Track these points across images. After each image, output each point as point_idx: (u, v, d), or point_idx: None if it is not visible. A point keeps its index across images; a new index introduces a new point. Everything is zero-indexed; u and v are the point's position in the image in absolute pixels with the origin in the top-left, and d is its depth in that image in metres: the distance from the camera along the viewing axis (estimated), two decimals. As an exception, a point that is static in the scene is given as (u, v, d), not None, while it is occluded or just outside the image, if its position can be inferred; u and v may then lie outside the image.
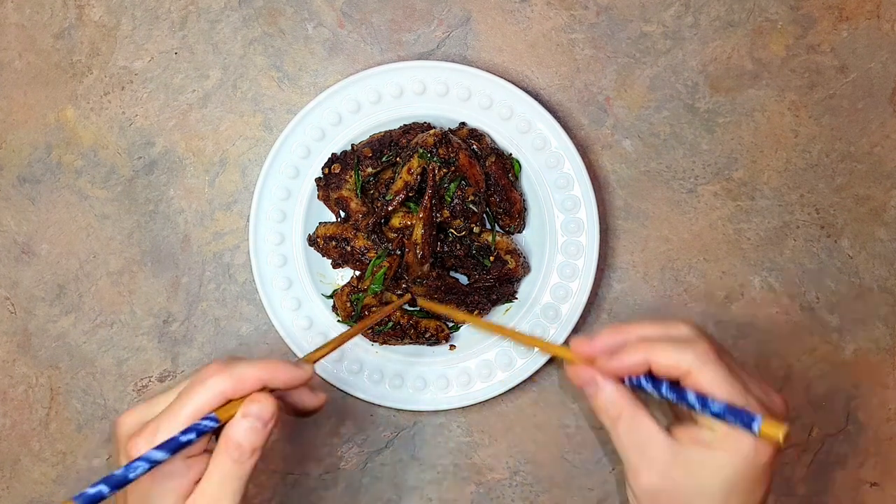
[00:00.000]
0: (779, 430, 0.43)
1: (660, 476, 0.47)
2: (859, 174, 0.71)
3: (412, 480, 0.72)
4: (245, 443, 0.46)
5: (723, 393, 0.45)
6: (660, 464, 0.47)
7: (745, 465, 0.46)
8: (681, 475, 0.47)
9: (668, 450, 0.47)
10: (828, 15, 0.71)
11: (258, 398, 0.46)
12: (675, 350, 0.46)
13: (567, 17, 0.71)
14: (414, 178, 0.65)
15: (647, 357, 0.47)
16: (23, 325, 0.72)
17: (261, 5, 0.72)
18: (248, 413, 0.46)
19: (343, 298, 0.68)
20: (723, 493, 0.46)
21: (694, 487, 0.46)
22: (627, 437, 0.48)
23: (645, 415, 0.48)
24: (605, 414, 0.49)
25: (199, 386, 0.46)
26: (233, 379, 0.46)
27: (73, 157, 0.72)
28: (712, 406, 0.45)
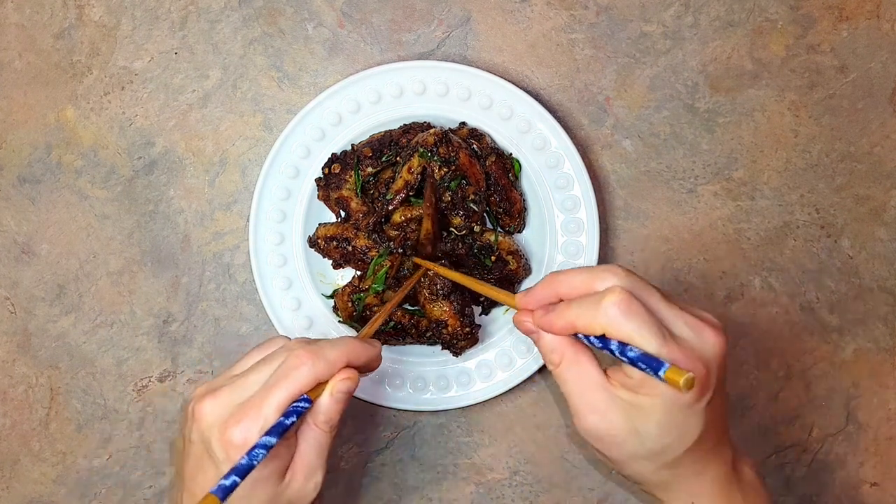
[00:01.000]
0: (680, 376, 0.43)
1: (599, 418, 0.49)
2: (859, 174, 0.71)
3: (412, 480, 0.72)
4: (335, 416, 0.51)
5: (638, 342, 0.46)
6: (599, 406, 0.49)
7: (668, 407, 0.47)
8: (616, 417, 0.48)
9: (605, 392, 0.49)
10: (828, 15, 0.71)
11: (344, 375, 0.51)
12: (589, 312, 0.47)
13: (567, 17, 0.71)
14: (414, 177, 0.65)
15: (569, 322, 0.49)
16: (23, 325, 0.72)
17: (261, 5, 0.72)
18: (338, 390, 0.51)
19: (344, 298, 0.68)
20: (656, 432, 0.48)
21: (630, 428, 0.48)
22: (569, 380, 0.50)
23: (586, 359, 0.50)
24: (548, 359, 0.51)
25: (293, 372, 0.49)
26: (326, 366, 0.50)
27: (73, 157, 0.72)
28: (628, 354, 0.46)
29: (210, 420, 0.49)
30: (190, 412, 0.50)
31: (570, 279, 0.50)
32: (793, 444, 0.71)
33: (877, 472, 0.71)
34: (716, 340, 0.48)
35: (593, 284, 0.48)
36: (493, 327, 0.70)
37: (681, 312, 0.48)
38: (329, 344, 0.51)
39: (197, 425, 0.50)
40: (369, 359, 0.53)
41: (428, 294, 0.66)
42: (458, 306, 0.66)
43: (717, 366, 0.48)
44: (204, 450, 0.49)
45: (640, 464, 0.50)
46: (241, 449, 0.47)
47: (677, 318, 0.48)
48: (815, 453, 0.71)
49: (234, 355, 0.72)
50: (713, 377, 0.47)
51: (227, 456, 0.48)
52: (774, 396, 0.71)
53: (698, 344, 0.47)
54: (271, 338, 0.54)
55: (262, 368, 0.50)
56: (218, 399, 0.49)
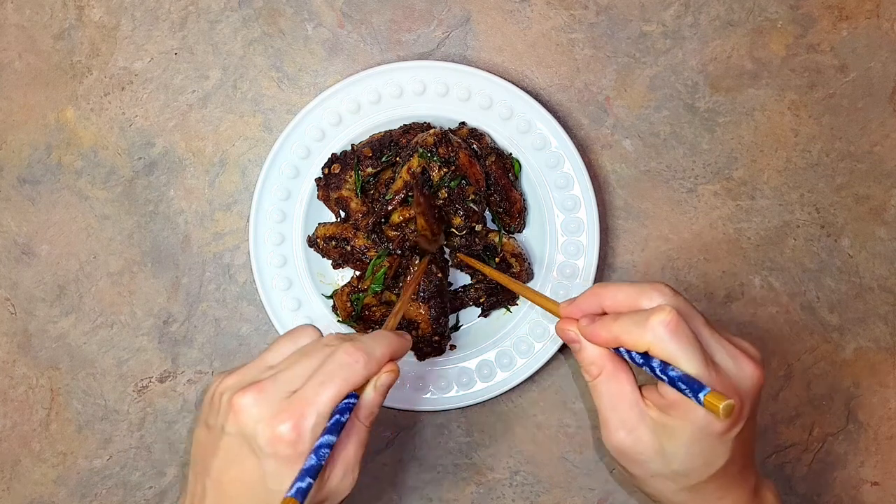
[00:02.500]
0: (720, 401, 0.43)
1: (627, 434, 0.49)
2: (859, 173, 0.71)
3: (412, 480, 0.72)
4: (377, 410, 0.52)
5: (681, 364, 0.46)
6: (629, 423, 0.49)
7: (699, 433, 0.47)
8: (645, 435, 0.48)
9: (637, 410, 0.49)
10: (828, 14, 0.71)
11: (388, 369, 0.51)
12: (636, 328, 0.47)
13: (567, 16, 0.71)
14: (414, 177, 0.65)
15: (615, 336, 0.49)
16: (23, 326, 0.72)
17: (261, 6, 0.72)
18: (382, 384, 0.51)
19: (343, 298, 0.68)
20: (683, 456, 0.48)
21: (657, 448, 0.48)
22: (604, 394, 0.50)
23: (624, 375, 0.50)
24: (586, 371, 0.51)
25: (347, 369, 0.49)
26: (376, 363, 0.50)
27: (73, 158, 0.72)
28: (670, 373, 0.46)
29: (254, 414, 0.47)
30: (225, 403, 0.49)
31: (617, 293, 0.50)
32: (793, 443, 0.71)
33: (877, 472, 0.71)
34: (754, 373, 0.48)
35: (640, 301, 0.49)
36: (493, 328, 0.70)
37: (722, 340, 0.49)
38: (373, 339, 0.51)
39: (236, 418, 0.48)
40: (405, 351, 0.54)
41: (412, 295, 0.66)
42: (435, 312, 0.66)
43: (752, 398, 0.48)
44: (243, 443, 0.48)
45: (663, 483, 0.50)
46: (291, 445, 0.46)
47: (719, 345, 0.48)
48: (816, 452, 0.71)
49: (235, 356, 0.72)
50: (747, 409, 0.48)
51: (275, 450, 0.47)
52: (775, 396, 0.71)
53: (736, 374, 0.48)
54: (300, 326, 0.53)
55: (304, 362, 0.50)
56: (264, 392, 0.48)
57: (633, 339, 0.48)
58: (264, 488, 0.47)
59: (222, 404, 0.49)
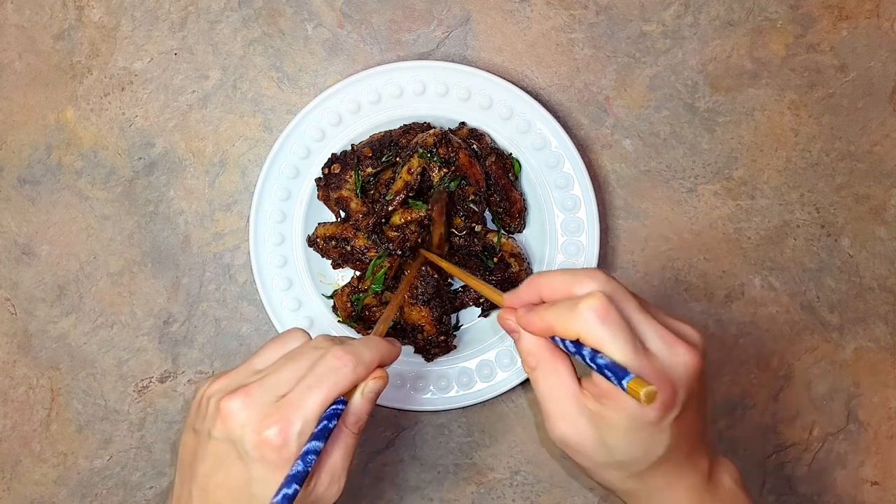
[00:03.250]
0: (641, 387, 0.42)
1: (568, 425, 0.49)
2: (859, 173, 0.71)
3: (413, 480, 0.72)
4: (365, 417, 0.51)
5: (609, 350, 0.46)
6: (568, 414, 0.49)
7: (633, 422, 0.47)
8: (585, 426, 0.48)
9: (575, 401, 0.48)
10: (827, 14, 0.71)
11: (376, 375, 0.51)
12: (567, 315, 0.47)
13: (567, 16, 0.71)
14: (414, 177, 0.65)
15: (547, 324, 0.48)
16: (23, 326, 0.72)
17: (260, 6, 0.72)
18: (370, 390, 0.51)
19: (343, 299, 0.68)
20: (622, 445, 0.48)
21: (597, 438, 0.48)
22: (543, 386, 0.50)
23: (562, 366, 0.50)
24: (524, 362, 0.51)
25: (335, 374, 0.48)
26: (365, 368, 0.50)
27: (73, 158, 0.72)
28: (597, 361, 0.46)
29: (241, 418, 0.47)
30: (212, 408, 0.48)
31: (552, 281, 0.50)
32: (793, 443, 0.71)
33: (877, 471, 0.71)
34: (688, 358, 0.47)
35: (573, 288, 0.48)
36: (493, 328, 0.70)
37: (657, 326, 0.48)
38: (362, 344, 0.51)
39: (224, 423, 0.47)
40: (394, 358, 0.53)
41: (408, 297, 0.66)
42: (437, 313, 0.66)
43: (687, 384, 0.47)
44: (230, 448, 0.48)
45: (609, 473, 0.50)
46: (277, 450, 0.46)
47: (653, 331, 0.47)
48: (816, 452, 0.71)
49: (235, 356, 0.72)
50: (680, 395, 0.47)
51: (262, 455, 0.46)
52: (775, 396, 0.71)
53: (669, 360, 0.47)
54: (289, 330, 0.53)
55: (291, 366, 0.49)
56: (251, 396, 0.48)
57: (563, 327, 0.47)
58: (250, 494, 0.47)
59: (209, 409, 0.49)
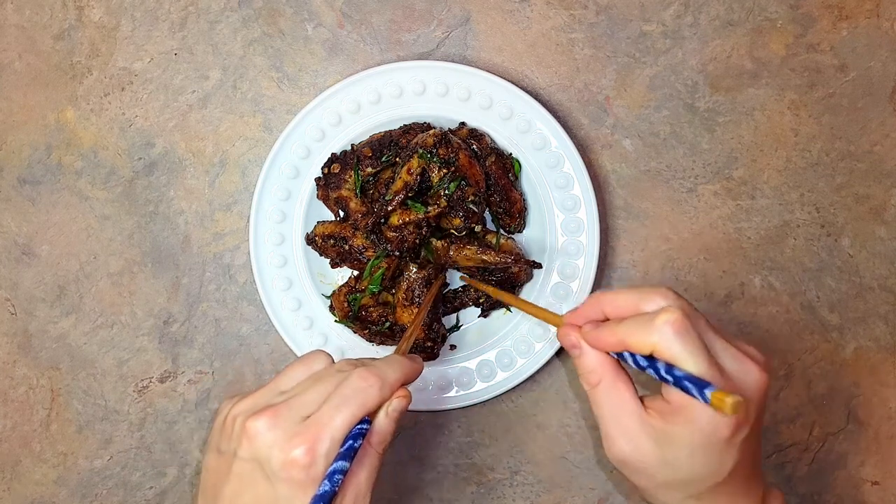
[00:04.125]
0: (727, 398, 0.42)
1: (629, 444, 0.48)
2: (859, 173, 0.71)
3: (413, 480, 0.72)
4: (389, 437, 0.51)
5: (686, 364, 0.46)
6: (630, 432, 0.48)
7: (704, 439, 0.47)
8: (648, 445, 0.48)
9: (638, 419, 0.48)
10: (827, 14, 0.71)
11: (400, 394, 0.51)
12: (641, 330, 0.47)
13: (567, 16, 0.71)
14: (413, 178, 0.65)
15: (620, 338, 0.48)
16: (23, 327, 0.72)
17: (260, 6, 0.72)
18: (394, 409, 0.51)
19: (341, 298, 0.68)
20: (687, 463, 0.47)
21: (660, 456, 0.48)
22: (604, 404, 0.50)
23: (624, 383, 0.50)
24: (585, 379, 0.51)
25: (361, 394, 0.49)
26: (390, 388, 0.50)
27: (73, 158, 0.72)
28: (675, 373, 0.46)
29: (268, 438, 0.47)
30: (238, 428, 0.48)
31: (618, 298, 0.50)
32: (794, 442, 0.71)
33: (878, 471, 0.71)
34: (759, 376, 0.48)
35: (642, 305, 0.48)
36: (493, 328, 0.70)
37: (727, 343, 0.48)
38: (386, 364, 0.51)
39: (250, 442, 0.47)
40: (417, 375, 0.54)
41: (403, 298, 0.66)
42: (428, 319, 0.66)
43: (757, 402, 0.47)
44: (256, 467, 0.47)
45: (668, 493, 0.49)
46: (305, 469, 0.46)
47: (724, 348, 0.48)
48: (816, 452, 0.71)
49: (235, 356, 0.72)
50: (752, 413, 0.47)
51: (289, 475, 0.46)
52: (775, 395, 0.71)
53: (741, 377, 0.47)
54: (313, 352, 0.53)
55: (317, 387, 0.49)
56: (277, 417, 0.48)
57: (638, 341, 0.47)
58: None
59: (235, 429, 0.49)
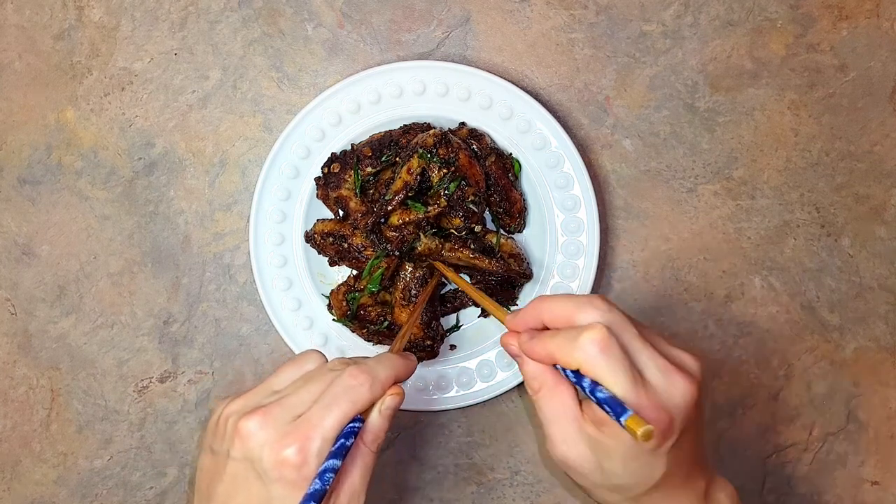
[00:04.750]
0: (639, 426, 0.44)
1: (569, 448, 0.50)
2: (859, 173, 0.71)
3: (413, 480, 0.72)
4: (383, 435, 0.51)
5: (608, 383, 0.47)
6: (569, 438, 0.50)
7: (631, 451, 0.48)
8: (584, 451, 0.49)
9: (577, 426, 0.49)
10: (827, 14, 0.71)
11: (393, 392, 0.51)
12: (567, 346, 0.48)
13: (567, 16, 0.71)
14: (413, 178, 0.65)
15: (549, 352, 0.50)
16: (23, 327, 0.72)
17: (260, 6, 0.72)
18: (387, 407, 0.51)
19: (339, 297, 0.68)
20: (619, 471, 0.49)
21: (595, 462, 0.49)
22: (545, 409, 0.51)
23: (565, 390, 0.51)
24: (528, 385, 0.52)
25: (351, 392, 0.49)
26: (381, 386, 0.50)
27: (73, 158, 0.72)
28: (597, 394, 0.47)
29: (260, 438, 0.47)
30: (231, 428, 0.49)
31: (554, 307, 0.51)
32: (794, 443, 0.71)
33: (878, 471, 0.71)
34: (685, 388, 0.48)
35: (575, 316, 0.49)
36: (493, 328, 0.70)
37: (655, 356, 0.49)
38: (377, 362, 0.51)
39: (242, 442, 0.48)
40: (410, 373, 0.54)
41: (400, 297, 0.66)
42: (427, 317, 0.66)
43: (684, 413, 0.48)
44: (249, 467, 0.48)
45: (607, 495, 0.51)
46: (297, 468, 0.46)
47: (651, 361, 0.48)
48: (816, 452, 0.71)
49: (235, 356, 0.72)
50: (677, 424, 0.48)
51: (281, 475, 0.46)
52: (775, 395, 0.71)
53: (667, 390, 0.48)
54: (306, 352, 0.53)
55: (309, 387, 0.50)
56: (270, 415, 0.48)
57: (564, 357, 0.48)
58: None
59: (227, 429, 0.49)
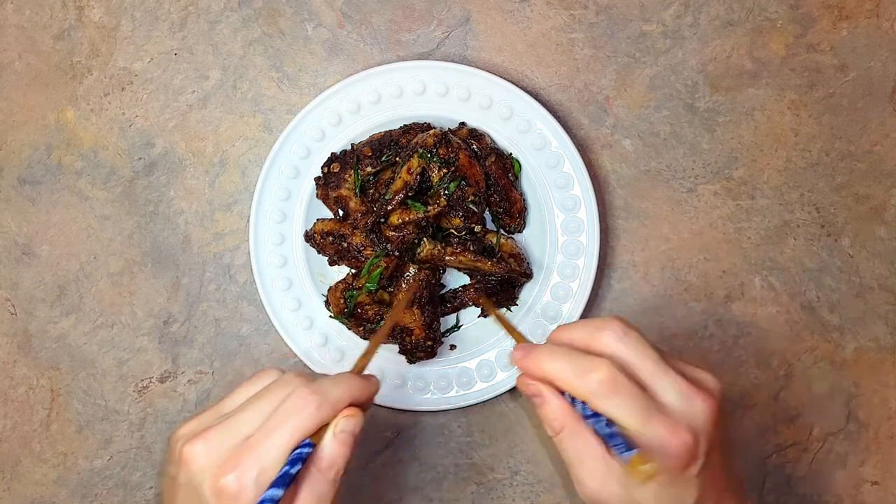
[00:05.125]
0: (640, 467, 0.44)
1: (599, 486, 0.49)
2: (859, 173, 0.71)
3: (413, 480, 0.72)
4: (341, 462, 0.47)
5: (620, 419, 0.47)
6: (598, 475, 0.49)
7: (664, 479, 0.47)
8: (614, 486, 0.49)
9: (603, 463, 0.49)
10: (827, 14, 0.71)
11: (347, 413, 0.47)
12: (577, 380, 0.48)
13: (567, 16, 0.71)
14: (413, 178, 0.65)
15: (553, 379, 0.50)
16: (23, 327, 0.72)
17: (260, 6, 0.72)
18: (341, 430, 0.47)
19: (337, 294, 0.68)
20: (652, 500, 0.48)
21: (628, 497, 0.49)
22: (569, 449, 0.50)
23: (585, 427, 0.50)
24: (549, 426, 0.51)
25: (296, 414, 0.46)
26: (331, 408, 0.47)
27: (73, 158, 0.72)
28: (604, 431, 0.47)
29: (201, 464, 0.45)
30: (178, 454, 0.46)
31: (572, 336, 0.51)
32: (794, 443, 0.71)
33: (877, 471, 0.71)
34: (705, 406, 0.48)
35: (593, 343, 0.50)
36: (493, 328, 0.70)
37: (673, 377, 0.48)
38: (331, 382, 0.48)
39: (186, 469, 0.46)
40: (370, 396, 0.50)
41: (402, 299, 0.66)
42: (428, 319, 0.66)
43: (708, 432, 0.48)
44: (194, 496, 0.45)
45: None
46: (234, 498, 0.44)
47: (668, 384, 0.48)
48: (816, 452, 0.71)
49: (235, 356, 0.72)
50: (703, 445, 0.47)
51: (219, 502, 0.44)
52: (775, 395, 0.71)
53: (687, 411, 0.48)
54: (263, 370, 0.50)
55: (257, 406, 0.47)
56: (209, 441, 0.45)
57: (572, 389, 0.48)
58: None
59: (175, 454, 0.47)
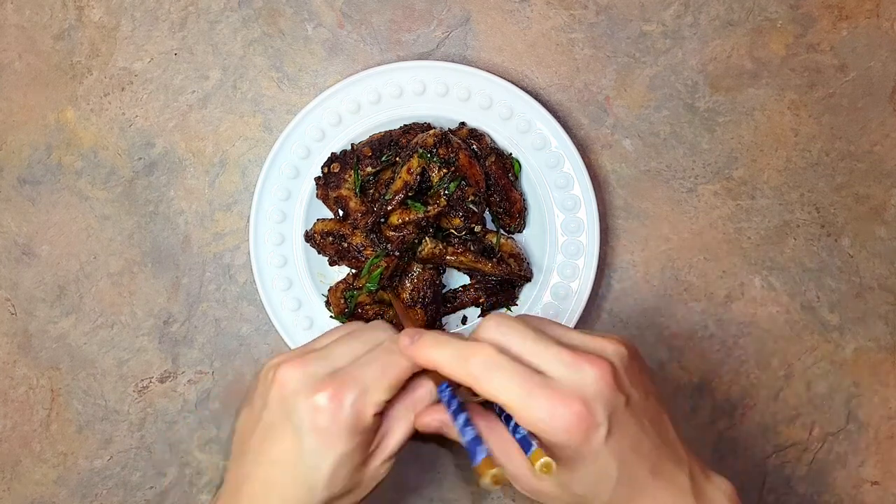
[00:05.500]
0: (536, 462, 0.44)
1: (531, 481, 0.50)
2: (859, 173, 0.71)
3: (413, 480, 0.72)
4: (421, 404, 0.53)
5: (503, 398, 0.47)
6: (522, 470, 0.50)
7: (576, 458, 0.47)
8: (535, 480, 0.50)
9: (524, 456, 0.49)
10: (827, 14, 0.71)
11: None
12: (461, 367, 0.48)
13: (566, 16, 0.71)
14: (413, 178, 0.65)
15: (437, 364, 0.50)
16: (23, 327, 0.72)
17: (260, 6, 0.72)
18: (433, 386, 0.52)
19: (337, 294, 0.68)
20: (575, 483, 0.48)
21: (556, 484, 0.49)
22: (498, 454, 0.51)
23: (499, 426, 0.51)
24: None
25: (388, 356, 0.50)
26: None
27: (73, 158, 0.72)
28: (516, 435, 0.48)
29: (296, 385, 0.48)
30: (271, 376, 0.49)
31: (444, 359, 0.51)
32: (793, 443, 0.71)
33: (877, 471, 0.71)
34: (594, 371, 0.47)
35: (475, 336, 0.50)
36: (493, 327, 0.70)
37: (554, 350, 0.48)
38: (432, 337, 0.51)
39: (279, 388, 0.49)
40: None
41: (407, 298, 0.66)
42: (431, 318, 0.66)
43: (603, 398, 0.46)
44: (285, 419, 0.48)
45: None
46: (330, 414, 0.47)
47: (551, 357, 0.48)
48: (816, 452, 0.71)
49: (235, 356, 0.72)
50: (598, 411, 0.46)
51: (314, 424, 0.47)
52: (775, 396, 0.71)
53: (575, 379, 0.47)
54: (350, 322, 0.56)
55: (350, 343, 0.51)
56: (307, 364, 0.49)
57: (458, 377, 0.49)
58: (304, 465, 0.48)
59: (268, 377, 0.50)
